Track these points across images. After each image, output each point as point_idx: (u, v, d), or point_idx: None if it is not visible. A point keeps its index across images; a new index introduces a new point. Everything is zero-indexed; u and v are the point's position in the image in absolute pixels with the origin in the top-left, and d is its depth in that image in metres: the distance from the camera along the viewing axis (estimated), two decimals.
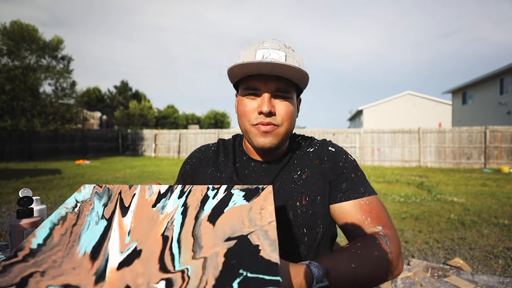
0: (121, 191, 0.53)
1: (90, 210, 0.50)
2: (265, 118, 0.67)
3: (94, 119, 23.08)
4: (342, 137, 12.67)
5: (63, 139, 15.27)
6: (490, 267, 2.65)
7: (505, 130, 10.76)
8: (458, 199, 5.34)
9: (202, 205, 0.48)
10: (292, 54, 0.69)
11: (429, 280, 2.33)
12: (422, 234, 3.52)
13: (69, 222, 0.48)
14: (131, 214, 0.49)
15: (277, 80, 0.67)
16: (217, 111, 36.79)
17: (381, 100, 23.82)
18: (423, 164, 11.66)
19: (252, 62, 0.62)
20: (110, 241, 0.44)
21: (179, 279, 0.37)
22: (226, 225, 0.44)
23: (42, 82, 13.96)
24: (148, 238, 0.44)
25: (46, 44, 14.00)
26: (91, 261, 0.42)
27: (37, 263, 0.41)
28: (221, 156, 0.81)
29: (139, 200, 0.51)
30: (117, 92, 31.92)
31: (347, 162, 0.75)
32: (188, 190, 0.52)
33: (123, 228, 0.46)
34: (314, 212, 0.70)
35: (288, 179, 0.73)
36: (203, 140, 15.27)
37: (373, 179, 7.97)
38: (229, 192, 0.50)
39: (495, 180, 7.78)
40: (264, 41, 0.70)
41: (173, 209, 0.48)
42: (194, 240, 0.43)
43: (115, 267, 0.41)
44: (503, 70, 13.29)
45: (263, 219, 0.44)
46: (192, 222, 0.45)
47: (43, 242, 0.44)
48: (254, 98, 0.69)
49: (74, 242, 0.45)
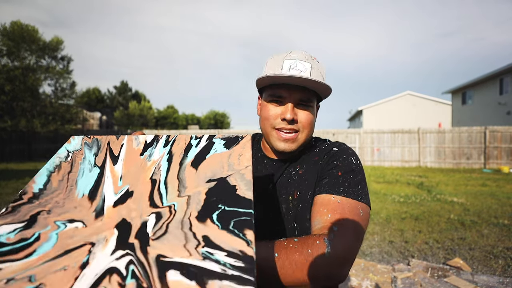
0: (109, 141, 0.58)
1: (82, 159, 0.55)
2: (287, 124, 0.72)
3: (94, 119, 23.08)
4: (342, 137, 12.68)
5: (63, 140, 15.24)
6: (490, 267, 2.66)
7: (504, 130, 10.77)
8: (458, 199, 5.35)
9: (186, 152, 0.54)
10: (317, 66, 0.73)
11: (429, 280, 2.33)
12: (422, 234, 3.52)
13: (64, 170, 0.53)
14: (121, 162, 0.54)
15: (301, 90, 0.72)
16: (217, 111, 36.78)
17: (381, 100, 23.83)
18: (423, 164, 11.67)
19: (281, 76, 0.67)
20: (104, 185, 0.50)
21: (167, 212, 0.44)
22: (208, 169, 0.50)
23: (42, 82, 13.95)
24: (138, 182, 0.50)
25: (46, 44, 14.00)
26: (89, 201, 0.48)
27: (41, 204, 0.47)
28: None
29: (128, 149, 0.57)
30: (117, 92, 31.91)
31: (343, 162, 0.72)
32: (173, 139, 0.57)
33: (115, 175, 0.52)
34: (304, 206, 0.71)
35: (287, 175, 0.78)
36: None
37: (373, 179, 7.98)
38: (211, 141, 0.56)
39: (495, 180, 7.79)
40: (291, 51, 0.74)
41: (159, 157, 0.54)
42: (179, 182, 0.49)
43: (111, 205, 0.47)
44: (503, 70, 13.30)
45: (241, 164, 0.50)
46: (177, 168, 0.52)
47: (44, 187, 0.50)
48: (278, 105, 0.74)
49: (72, 186, 0.50)
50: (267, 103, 0.75)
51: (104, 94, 32.30)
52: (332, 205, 0.64)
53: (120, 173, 0.52)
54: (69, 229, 0.43)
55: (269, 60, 0.76)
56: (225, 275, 0.35)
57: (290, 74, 0.67)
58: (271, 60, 0.75)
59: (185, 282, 0.34)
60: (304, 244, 0.55)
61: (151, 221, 0.43)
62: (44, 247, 0.41)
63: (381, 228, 3.77)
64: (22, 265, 0.38)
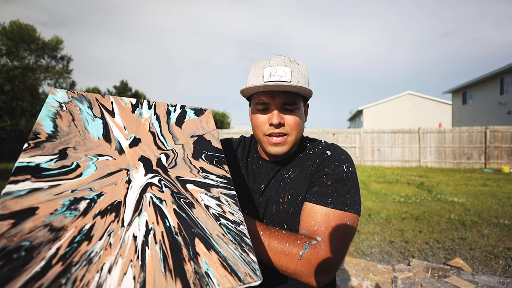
0: (96, 98, 0.64)
1: (79, 110, 0.59)
2: (275, 129, 0.75)
3: None
4: (342, 137, 12.67)
5: None
6: (490, 267, 2.64)
7: (505, 130, 10.76)
8: (458, 199, 5.34)
9: (168, 115, 0.69)
10: (297, 68, 0.75)
11: (429, 280, 2.32)
12: (422, 234, 3.51)
13: (66, 117, 0.56)
14: (118, 116, 0.62)
15: (283, 95, 0.74)
16: (217, 111, 36.77)
17: (381, 100, 23.82)
18: (423, 164, 11.66)
19: (260, 85, 0.72)
20: (113, 133, 0.58)
21: (171, 153, 0.61)
22: (189, 129, 0.69)
23: (41, 82, 13.94)
24: (141, 132, 0.62)
25: (45, 44, 13.99)
26: (107, 143, 0.56)
27: (64, 142, 0.52)
28: (239, 149, 0.93)
29: (119, 106, 0.65)
30: (117, 92, 31.91)
31: (334, 170, 0.74)
32: (154, 104, 0.70)
33: (118, 125, 0.60)
34: (294, 210, 0.75)
35: (280, 178, 0.81)
36: None
37: (373, 179, 7.97)
38: (184, 109, 0.73)
39: (496, 180, 7.77)
40: (271, 58, 0.77)
41: (148, 116, 0.66)
42: (172, 135, 0.65)
43: (127, 146, 0.57)
44: (503, 70, 13.28)
45: (209, 127, 0.72)
46: (166, 125, 0.67)
47: (55, 130, 0.53)
48: (264, 112, 0.77)
49: (84, 131, 0.55)
50: (255, 111, 0.79)
51: (104, 93, 32.34)
52: (320, 217, 0.68)
53: (123, 124, 0.61)
54: (101, 160, 0.52)
55: (252, 69, 0.79)
56: (217, 185, 0.58)
57: (268, 82, 0.72)
58: (253, 69, 0.78)
59: (198, 189, 0.55)
60: (286, 237, 0.63)
61: (163, 158, 0.59)
62: (88, 171, 0.49)
63: (381, 228, 3.75)
64: (77, 182, 0.47)
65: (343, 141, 12.61)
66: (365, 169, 10.43)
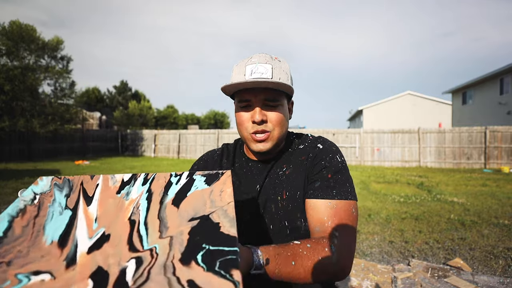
0: (82, 181, 0.54)
1: (51, 202, 0.50)
2: (259, 126, 0.75)
3: (94, 119, 23.06)
4: (342, 137, 12.66)
5: (62, 140, 15.24)
6: (490, 268, 2.65)
7: (505, 130, 10.76)
8: (458, 199, 5.34)
9: (166, 190, 0.52)
10: (279, 65, 0.75)
11: (429, 280, 2.32)
12: (422, 234, 3.51)
13: (30, 214, 0.48)
14: (95, 202, 0.50)
15: (265, 91, 0.74)
16: (217, 111, 36.77)
17: (381, 100, 23.82)
18: (423, 164, 11.66)
19: (240, 82, 0.71)
20: (77, 229, 0.46)
21: (148, 256, 0.41)
22: (190, 207, 0.48)
23: (41, 82, 13.92)
24: (116, 223, 0.46)
25: (45, 44, 13.97)
26: (59, 249, 0.43)
27: (2, 254, 0.41)
28: (224, 159, 0.90)
29: (103, 188, 0.53)
30: (117, 92, 31.88)
31: (330, 162, 0.77)
32: (152, 177, 0.54)
33: (89, 216, 0.48)
34: (294, 206, 0.75)
35: (275, 175, 0.81)
36: (203, 141, 15.25)
37: (373, 179, 7.97)
38: (191, 178, 0.54)
39: (495, 180, 7.78)
40: (253, 56, 0.77)
41: (137, 195, 0.51)
42: (160, 222, 0.46)
43: (85, 252, 0.42)
44: (503, 70, 13.29)
45: (223, 200, 0.49)
46: (157, 206, 0.49)
47: (3, 235, 0.44)
48: (247, 110, 0.77)
49: (39, 232, 0.45)
50: (238, 110, 0.79)
51: (104, 93, 32.28)
52: (329, 211, 0.70)
53: (95, 215, 0.48)
54: (33, 283, 0.38)
55: (234, 67, 0.79)
56: None
57: (247, 80, 0.70)
58: (235, 68, 0.78)
59: None
60: (315, 252, 0.62)
61: (131, 267, 0.40)
62: None
63: (381, 228, 3.75)
64: None
65: (343, 141, 12.62)
66: (365, 169, 10.43)
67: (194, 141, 15.51)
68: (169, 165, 11.53)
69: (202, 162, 0.92)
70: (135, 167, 10.65)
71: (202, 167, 0.90)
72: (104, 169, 10.15)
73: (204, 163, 0.91)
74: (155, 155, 16.72)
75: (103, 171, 9.40)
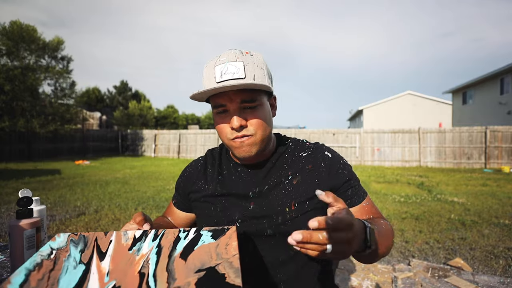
0: (97, 238, 0.57)
1: (67, 256, 0.53)
2: (238, 132, 0.69)
3: (94, 119, 23.06)
4: (342, 137, 12.66)
5: (62, 140, 15.25)
6: (490, 267, 2.65)
7: (505, 130, 10.76)
8: (458, 199, 5.34)
9: (175, 245, 0.55)
10: (251, 60, 0.68)
11: (429, 280, 2.32)
12: (422, 234, 3.51)
13: (46, 268, 0.50)
14: (108, 258, 0.53)
15: (241, 93, 0.67)
16: None
17: (381, 100, 23.81)
18: (423, 164, 11.66)
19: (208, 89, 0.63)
20: (89, 282, 0.48)
21: None
22: (197, 260, 0.51)
23: (41, 82, 13.92)
24: (126, 276, 0.49)
25: (45, 44, 13.98)
26: None
27: None
28: (209, 167, 0.84)
29: (116, 245, 0.56)
30: (117, 92, 31.89)
31: (346, 169, 0.78)
32: (162, 233, 0.58)
33: (101, 271, 0.51)
34: (304, 215, 0.72)
35: (278, 184, 0.75)
36: (203, 140, 15.26)
37: (373, 179, 7.97)
38: (199, 233, 0.58)
39: (496, 180, 7.78)
40: (220, 54, 0.70)
41: (148, 250, 0.54)
42: (168, 274, 0.49)
43: None
44: (503, 70, 13.28)
45: (228, 253, 0.52)
46: (166, 260, 0.52)
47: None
48: (224, 115, 0.71)
49: (53, 285, 0.47)
50: (215, 115, 0.73)
51: (104, 93, 32.28)
52: (369, 209, 0.75)
53: (107, 269, 0.51)
54: None
55: (204, 69, 0.72)
56: None
57: (216, 86, 0.63)
58: (205, 70, 0.71)
59: None
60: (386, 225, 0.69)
61: None
62: None
63: None
64: None
65: (343, 141, 12.62)
66: (365, 169, 10.43)
67: (194, 141, 15.51)
68: (169, 165, 11.53)
69: (187, 175, 0.87)
70: (135, 167, 10.66)
71: (186, 181, 0.86)
72: (104, 169, 10.16)
73: (189, 175, 0.86)
74: (155, 155, 16.72)
75: (103, 171, 9.41)
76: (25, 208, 0.79)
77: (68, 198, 5.24)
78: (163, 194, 5.74)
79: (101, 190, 6.10)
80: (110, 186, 6.62)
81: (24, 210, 0.79)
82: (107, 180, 7.54)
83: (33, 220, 0.78)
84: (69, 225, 3.67)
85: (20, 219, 0.78)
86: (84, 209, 4.53)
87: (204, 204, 0.80)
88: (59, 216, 4.12)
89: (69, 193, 5.67)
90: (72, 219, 3.94)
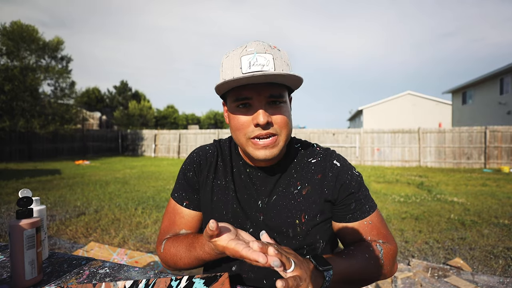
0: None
1: None
2: (263, 130, 0.63)
3: (94, 119, 23.06)
4: (342, 137, 12.67)
5: (62, 140, 15.24)
6: (490, 267, 2.65)
7: (505, 130, 10.76)
8: (458, 199, 5.34)
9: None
10: (279, 55, 0.64)
11: (429, 280, 2.32)
12: (422, 234, 3.51)
13: None
14: None
15: (269, 87, 0.62)
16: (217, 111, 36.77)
17: (381, 100, 23.81)
18: (423, 164, 11.66)
19: (242, 77, 0.57)
20: None
21: None
22: None
23: (41, 82, 13.92)
24: None
25: (45, 44, 13.98)
26: None
27: None
28: (220, 161, 0.79)
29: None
30: (117, 92, 31.88)
31: (354, 180, 0.73)
32: (153, 283, 0.56)
33: None
34: (315, 229, 0.70)
35: (287, 194, 0.71)
36: (203, 140, 15.26)
37: (373, 179, 7.97)
38: (191, 281, 0.57)
39: (495, 180, 7.78)
40: (246, 44, 0.64)
41: None
42: None
43: None
44: (503, 70, 13.28)
45: None
46: None
47: None
48: (246, 109, 0.64)
49: None
50: (234, 109, 0.66)
51: (104, 94, 32.27)
52: (368, 227, 0.71)
53: None
54: None
55: (224, 60, 0.65)
56: None
57: (253, 73, 0.57)
58: (226, 60, 0.65)
59: None
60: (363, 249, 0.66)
61: None
62: None
63: None
64: None
65: (343, 141, 12.62)
66: (365, 169, 10.43)
67: (194, 141, 15.51)
68: (169, 165, 11.53)
69: (196, 166, 0.78)
70: (135, 167, 10.66)
71: (198, 171, 0.78)
72: (104, 169, 10.15)
73: (198, 166, 0.78)
74: (155, 155, 16.72)
75: (103, 171, 9.41)
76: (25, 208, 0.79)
77: (68, 198, 5.24)
78: (163, 194, 5.74)
79: (101, 190, 6.10)
80: (110, 186, 6.62)
81: (24, 210, 0.79)
82: (107, 180, 7.54)
83: (33, 220, 0.79)
84: (69, 225, 3.67)
85: (20, 219, 0.78)
86: (84, 209, 4.53)
87: (215, 204, 0.75)
88: (59, 216, 4.12)
89: (69, 193, 5.67)
90: (72, 219, 3.95)
